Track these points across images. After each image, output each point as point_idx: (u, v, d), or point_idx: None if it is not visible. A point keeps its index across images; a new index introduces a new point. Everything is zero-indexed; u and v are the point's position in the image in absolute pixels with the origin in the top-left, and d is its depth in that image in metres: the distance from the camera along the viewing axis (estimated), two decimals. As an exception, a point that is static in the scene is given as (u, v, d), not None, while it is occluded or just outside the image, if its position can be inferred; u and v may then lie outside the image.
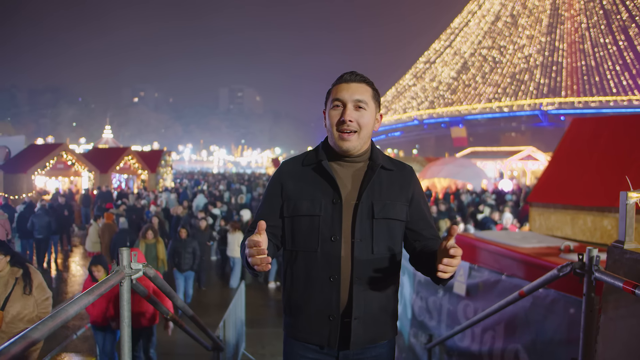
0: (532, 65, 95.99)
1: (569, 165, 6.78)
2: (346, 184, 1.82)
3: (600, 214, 5.90)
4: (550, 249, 4.58)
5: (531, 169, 39.80)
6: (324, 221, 1.77)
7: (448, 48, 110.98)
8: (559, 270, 2.11)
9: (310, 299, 1.78)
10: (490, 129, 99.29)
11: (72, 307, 1.40)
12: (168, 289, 2.28)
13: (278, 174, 1.91)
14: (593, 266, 1.97)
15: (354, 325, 1.74)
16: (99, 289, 1.59)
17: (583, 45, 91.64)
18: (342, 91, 1.79)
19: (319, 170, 1.83)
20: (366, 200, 1.78)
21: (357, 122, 1.77)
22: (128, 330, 1.84)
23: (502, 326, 3.58)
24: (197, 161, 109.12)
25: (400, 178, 1.88)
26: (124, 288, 1.82)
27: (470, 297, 4.00)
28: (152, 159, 27.78)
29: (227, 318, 5.11)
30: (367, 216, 1.78)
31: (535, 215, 6.73)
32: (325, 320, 1.77)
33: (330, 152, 1.86)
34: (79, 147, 57.75)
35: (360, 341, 1.77)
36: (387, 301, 1.83)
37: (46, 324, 1.25)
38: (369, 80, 1.84)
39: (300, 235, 1.81)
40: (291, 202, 1.83)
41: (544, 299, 3.14)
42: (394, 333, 1.90)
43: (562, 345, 3.03)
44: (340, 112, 1.79)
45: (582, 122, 7.67)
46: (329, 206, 1.78)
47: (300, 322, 1.82)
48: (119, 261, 1.83)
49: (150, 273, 1.96)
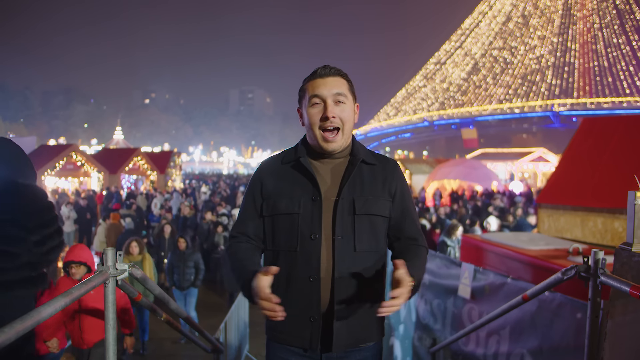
0: (543, 66, 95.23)
1: (579, 165, 6.65)
2: (326, 180, 1.76)
3: (611, 215, 5.77)
4: (558, 251, 4.47)
5: (542, 171, 39.45)
6: (303, 219, 1.72)
7: (459, 49, 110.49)
8: (563, 274, 2.02)
9: (290, 300, 1.70)
10: (501, 130, 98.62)
11: (46, 309, 1.34)
12: (158, 291, 2.22)
13: (258, 173, 1.86)
14: (599, 269, 1.88)
15: (336, 326, 1.68)
16: (78, 290, 1.53)
17: (596, 46, 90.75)
18: (319, 87, 1.73)
19: (298, 168, 1.78)
20: (347, 196, 1.72)
21: (339, 118, 1.72)
22: (113, 333, 1.78)
23: (507, 330, 3.49)
24: (207, 162, 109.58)
25: (383, 172, 1.81)
26: (108, 289, 1.76)
27: (475, 300, 3.91)
28: (161, 160, 27.90)
29: (229, 319, 5.05)
30: (349, 212, 1.71)
31: (544, 217, 6.61)
32: (307, 321, 1.70)
33: (309, 148, 1.80)
34: (90, 148, 58.33)
35: (343, 343, 1.70)
36: (371, 301, 1.74)
37: (14, 326, 1.19)
38: (343, 72, 1.79)
39: (280, 235, 1.76)
40: (270, 200, 1.78)
41: (550, 303, 3.05)
42: (381, 335, 1.82)
43: (568, 351, 2.93)
44: (321, 109, 1.73)
45: (592, 122, 7.52)
46: (308, 203, 1.72)
47: (281, 324, 1.74)
48: (103, 261, 1.77)
49: (137, 274, 1.90)
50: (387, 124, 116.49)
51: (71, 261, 3.96)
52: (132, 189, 23.84)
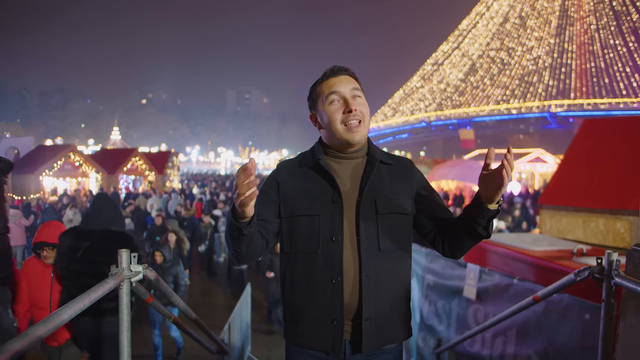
0: (540, 67, 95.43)
1: (580, 166, 6.65)
2: (345, 181, 1.75)
3: (613, 216, 5.78)
4: (562, 252, 4.48)
5: (540, 171, 39.46)
6: (324, 221, 1.70)
7: (456, 50, 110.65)
8: (576, 275, 2.02)
9: (312, 303, 1.70)
10: (498, 131, 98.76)
11: (66, 311, 1.33)
12: (170, 292, 2.21)
13: (275, 173, 1.83)
14: (613, 271, 1.88)
15: (365, 326, 1.66)
16: (95, 292, 1.53)
17: (592, 47, 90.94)
18: (335, 85, 1.74)
19: (316, 169, 1.77)
20: (368, 197, 1.72)
21: (360, 111, 1.72)
22: (127, 335, 1.78)
23: (514, 331, 3.49)
24: (204, 163, 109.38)
25: (401, 171, 1.82)
26: (123, 291, 1.76)
27: (481, 301, 3.91)
28: (159, 161, 27.85)
29: (233, 320, 5.04)
30: (371, 212, 1.71)
31: (545, 218, 6.61)
32: (329, 324, 1.68)
33: (326, 150, 1.80)
34: (87, 149, 58.08)
35: (373, 344, 1.69)
36: (398, 300, 1.75)
37: (37, 329, 1.19)
38: (351, 70, 1.81)
39: (299, 237, 1.74)
40: (289, 202, 1.76)
41: (557, 304, 3.05)
42: (409, 334, 1.81)
43: (576, 352, 2.94)
44: (341, 105, 1.73)
45: (593, 123, 7.53)
46: (328, 205, 1.71)
47: (302, 328, 1.74)
48: (117, 263, 1.77)
49: (151, 276, 1.89)
50: (384, 124, 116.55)
51: (44, 242, 3.47)
52: (131, 189, 23.80)
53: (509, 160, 1.49)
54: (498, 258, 4.82)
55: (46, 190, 19.47)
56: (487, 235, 1.64)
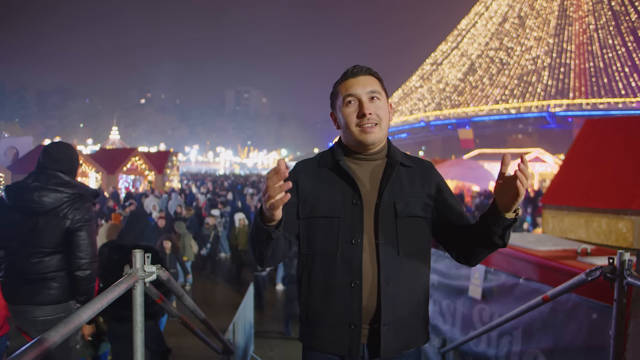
0: (539, 66, 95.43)
1: (582, 166, 6.67)
2: (365, 183, 1.74)
3: (616, 216, 5.79)
4: (566, 251, 4.49)
5: (539, 171, 39.48)
6: (344, 223, 1.68)
7: (455, 49, 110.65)
8: (588, 275, 2.02)
9: (329, 306, 1.68)
10: (497, 131, 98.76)
11: (85, 312, 1.34)
12: (181, 292, 2.22)
13: (293, 173, 1.80)
14: (625, 270, 1.88)
15: (383, 331, 1.64)
16: (112, 293, 1.53)
17: (591, 47, 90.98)
18: (352, 86, 1.72)
19: (336, 170, 1.75)
20: (388, 199, 1.70)
21: (376, 114, 1.70)
22: (141, 336, 1.78)
23: (520, 331, 3.50)
24: (203, 162, 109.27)
25: (421, 173, 1.79)
26: (137, 292, 1.76)
27: (486, 301, 3.92)
28: (159, 160, 27.81)
29: (237, 321, 5.04)
30: (390, 215, 1.69)
31: (548, 218, 6.62)
32: (346, 328, 1.66)
33: (346, 151, 1.78)
34: (86, 148, 58.03)
35: (391, 348, 1.67)
36: (417, 304, 1.73)
37: (58, 329, 1.19)
38: (374, 70, 1.78)
39: (317, 239, 1.72)
40: (307, 203, 1.74)
41: (564, 304, 3.06)
42: (427, 339, 1.80)
43: (583, 351, 2.94)
44: (356, 107, 1.71)
45: (595, 123, 7.55)
46: (348, 207, 1.69)
47: (319, 331, 1.72)
48: (131, 263, 1.77)
49: (164, 276, 1.89)
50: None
51: None
52: (130, 189, 23.78)
53: (522, 170, 1.43)
54: (502, 258, 4.83)
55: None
56: (503, 245, 1.60)
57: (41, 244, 2.77)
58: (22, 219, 2.74)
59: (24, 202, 2.70)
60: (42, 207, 2.69)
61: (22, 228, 2.73)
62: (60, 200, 2.73)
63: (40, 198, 2.68)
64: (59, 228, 2.78)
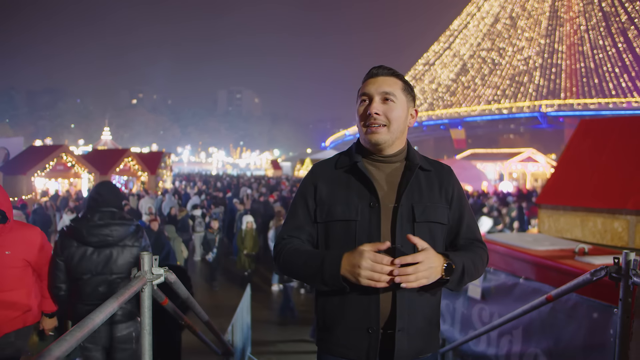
0: (531, 67, 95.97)
1: (577, 166, 6.71)
2: (383, 186, 1.71)
3: (611, 216, 5.83)
4: (564, 251, 4.51)
5: (531, 171, 39.80)
6: (361, 226, 1.66)
7: (447, 50, 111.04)
8: (593, 275, 2.04)
9: (347, 310, 1.66)
10: (489, 131, 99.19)
11: (98, 316, 1.33)
12: (187, 294, 2.21)
13: (310, 176, 1.79)
14: (631, 270, 1.90)
15: (398, 337, 1.62)
16: (123, 296, 1.52)
17: (582, 47, 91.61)
18: (368, 85, 1.72)
19: (353, 172, 1.73)
20: (406, 203, 1.67)
21: (385, 116, 1.68)
22: (149, 338, 1.77)
23: (520, 330, 3.51)
24: (195, 163, 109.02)
25: (439, 178, 1.77)
26: (145, 294, 1.75)
27: (486, 301, 3.94)
28: (152, 161, 27.70)
29: (235, 322, 5.03)
30: (408, 220, 1.67)
31: (544, 217, 6.66)
32: (364, 333, 1.64)
33: (363, 153, 1.76)
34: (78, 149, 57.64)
35: (404, 355, 1.65)
36: (431, 311, 1.72)
37: (74, 334, 1.18)
38: (398, 72, 1.76)
39: (334, 242, 1.70)
40: (325, 206, 1.72)
41: (565, 303, 3.08)
42: (438, 347, 1.79)
43: (584, 350, 2.96)
44: (367, 107, 1.70)
45: (590, 123, 7.60)
46: (365, 210, 1.67)
47: (335, 336, 1.70)
48: (139, 266, 1.76)
49: (172, 278, 1.89)
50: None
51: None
52: (124, 190, 23.65)
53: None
54: (500, 257, 4.85)
55: (37, 191, 19.28)
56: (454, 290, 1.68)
57: (117, 270, 3.13)
58: (95, 252, 3.08)
59: (97, 237, 3.03)
60: (115, 239, 3.09)
61: (97, 259, 3.07)
62: (127, 231, 3.15)
63: (112, 232, 3.07)
64: (132, 255, 3.20)
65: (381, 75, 1.73)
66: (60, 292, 3.12)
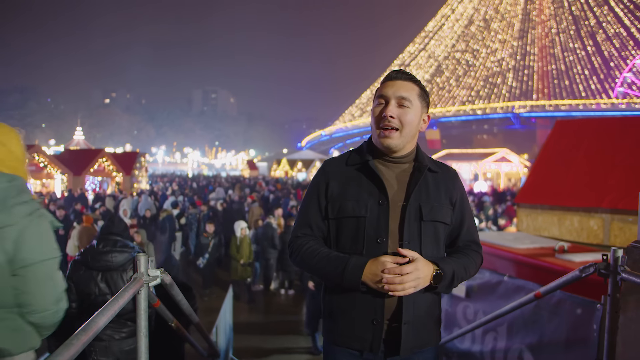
0: (504, 68, 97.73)
1: (554, 166, 6.86)
2: (392, 185, 1.78)
3: (587, 214, 5.98)
4: (544, 249, 4.60)
5: (505, 171, 40.45)
6: (370, 222, 1.73)
7: (422, 51, 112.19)
8: (582, 272, 2.09)
9: (353, 302, 1.73)
10: (463, 131, 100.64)
11: (101, 319, 1.31)
12: (180, 296, 2.18)
13: (322, 174, 1.86)
14: (619, 267, 1.95)
15: (404, 330, 1.69)
16: (122, 298, 1.50)
17: (553, 50, 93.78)
18: (386, 88, 1.78)
19: (364, 170, 1.79)
20: (414, 202, 1.74)
21: (399, 119, 1.74)
22: (145, 341, 1.75)
23: (505, 327, 3.57)
24: (170, 163, 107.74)
25: (445, 180, 1.85)
26: (141, 297, 1.72)
27: (470, 299, 3.99)
28: (127, 161, 27.24)
29: (219, 323, 4.99)
30: (415, 218, 1.74)
31: (522, 216, 6.79)
32: (369, 324, 1.71)
33: (374, 152, 1.82)
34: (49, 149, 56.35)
35: (410, 346, 1.72)
36: (434, 305, 1.80)
37: (79, 337, 1.16)
38: (416, 79, 1.81)
39: (345, 237, 1.77)
40: (336, 203, 1.78)
41: (549, 300, 3.14)
42: (438, 340, 1.86)
43: (567, 345, 3.03)
44: (382, 109, 1.76)
45: (565, 124, 7.79)
46: (375, 207, 1.73)
47: (341, 327, 1.77)
48: (136, 268, 1.73)
49: (167, 280, 1.86)
50: (352, 124, 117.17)
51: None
52: (98, 191, 23.22)
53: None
54: (482, 256, 4.92)
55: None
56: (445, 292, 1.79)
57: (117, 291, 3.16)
58: (99, 275, 3.33)
59: (99, 262, 3.28)
60: (115, 264, 3.31)
61: (101, 281, 3.33)
62: (127, 258, 3.34)
63: (112, 259, 3.31)
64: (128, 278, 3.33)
65: (399, 79, 1.79)
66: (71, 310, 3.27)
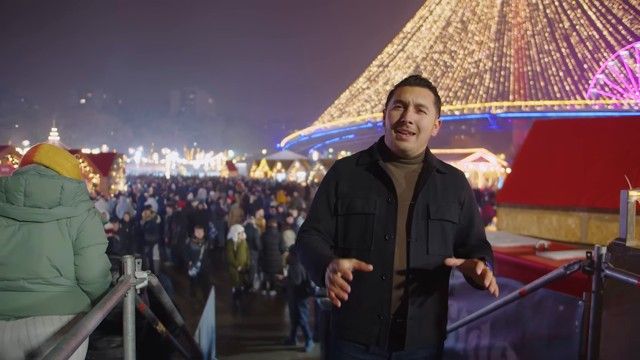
0: (481, 70, 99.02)
1: (532, 166, 6.98)
2: (401, 184, 1.83)
3: (565, 213, 6.11)
4: (525, 247, 4.69)
5: (483, 171, 41.03)
6: (378, 220, 1.79)
7: (401, 52, 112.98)
8: (566, 269, 2.13)
9: (360, 297, 1.77)
10: (441, 132, 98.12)
11: (90, 322, 1.28)
12: (166, 299, 2.15)
13: (333, 172, 1.92)
14: (603, 264, 1.99)
15: (409, 325, 1.74)
16: (110, 301, 1.47)
17: (529, 52, 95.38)
18: (405, 93, 1.82)
19: (373, 170, 1.85)
20: (422, 201, 1.80)
21: (417, 125, 1.79)
22: (132, 344, 1.72)
23: (488, 325, 3.60)
24: (148, 164, 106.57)
25: (454, 181, 1.91)
26: (128, 299, 1.70)
27: (453, 297, 4.02)
28: (103, 162, 26.76)
29: (202, 325, 4.94)
30: (423, 216, 1.80)
31: (502, 215, 6.89)
32: (375, 319, 1.76)
33: (385, 152, 1.88)
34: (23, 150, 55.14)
35: (415, 341, 1.77)
36: (439, 302, 1.84)
37: (69, 342, 1.13)
38: (432, 86, 1.87)
39: (353, 234, 1.82)
40: (346, 200, 1.84)
41: (531, 297, 3.17)
42: (444, 336, 1.91)
43: (550, 342, 3.07)
44: (401, 113, 1.81)
45: (543, 124, 7.94)
46: (383, 205, 1.80)
47: (348, 321, 1.82)
48: (122, 270, 1.70)
49: (154, 282, 1.84)
50: (331, 125, 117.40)
51: None
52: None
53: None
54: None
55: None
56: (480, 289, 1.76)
57: None
58: None
59: None
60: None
61: None
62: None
63: None
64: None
65: (418, 85, 1.84)
66: None
